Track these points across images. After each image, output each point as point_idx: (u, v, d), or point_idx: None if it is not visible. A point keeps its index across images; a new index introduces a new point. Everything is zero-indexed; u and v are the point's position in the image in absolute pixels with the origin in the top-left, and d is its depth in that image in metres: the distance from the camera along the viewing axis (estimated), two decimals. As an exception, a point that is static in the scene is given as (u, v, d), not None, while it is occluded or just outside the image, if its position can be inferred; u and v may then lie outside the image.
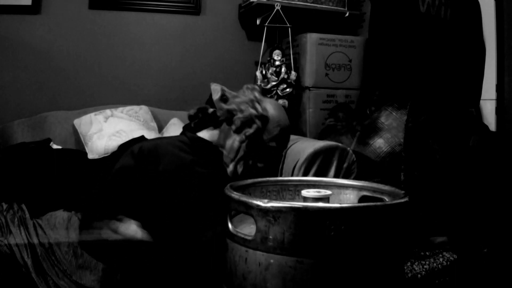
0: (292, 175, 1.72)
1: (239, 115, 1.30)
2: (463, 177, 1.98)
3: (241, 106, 1.31)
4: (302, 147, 1.79)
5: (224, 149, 1.32)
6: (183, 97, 2.68)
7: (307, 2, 2.57)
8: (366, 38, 2.50)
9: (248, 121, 1.29)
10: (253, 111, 1.29)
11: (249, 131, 1.28)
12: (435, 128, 2.04)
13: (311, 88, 2.46)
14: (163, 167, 1.23)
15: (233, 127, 1.30)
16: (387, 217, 0.88)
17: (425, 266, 1.69)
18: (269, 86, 2.47)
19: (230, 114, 1.32)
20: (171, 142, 1.31)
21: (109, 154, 2.14)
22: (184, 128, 1.42)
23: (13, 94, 2.44)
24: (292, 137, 2.05)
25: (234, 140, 1.30)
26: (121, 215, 1.18)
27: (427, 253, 1.76)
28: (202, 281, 1.16)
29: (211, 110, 1.39)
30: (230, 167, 1.30)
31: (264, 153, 1.32)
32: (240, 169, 1.30)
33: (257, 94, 1.34)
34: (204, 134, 1.38)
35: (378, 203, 0.94)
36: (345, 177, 1.80)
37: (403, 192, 1.00)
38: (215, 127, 1.37)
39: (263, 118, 1.30)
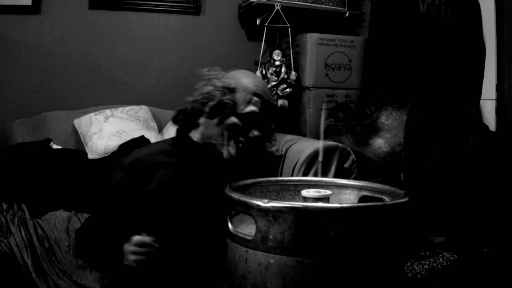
0: (292, 175, 1.72)
1: (204, 100, 1.28)
2: (463, 177, 1.98)
3: (202, 90, 1.29)
4: (302, 147, 1.79)
5: (212, 140, 1.29)
6: (183, 97, 2.66)
7: (307, 2, 2.57)
8: (366, 38, 2.50)
9: (214, 102, 1.26)
10: (209, 87, 1.27)
11: (219, 110, 1.25)
12: (435, 128, 2.04)
13: (311, 88, 2.46)
14: (158, 178, 1.23)
15: (205, 115, 1.28)
16: (387, 217, 0.88)
17: (425, 266, 1.69)
18: (269, 86, 2.47)
19: (198, 104, 1.30)
20: (158, 147, 1.31)
21: (109, 154, 2.14)
22: (177, 131, 1.41)
23: (13, 94, 2.43)
24: (292, 137, 2.05)
25: (213, 126, 1.28)
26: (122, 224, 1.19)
27: (427, 253, 1.76)
28: (202, 281, 1.16)
29: (180, 109, 1.38)
30: (224, 153, 1.28)
31: (248, 122, 1.28)
32: (232, 150, 1.27)
33: (214, 72, 1.31)
34: (194, 134, 1.36)
35: (378, 203, 0.94)
36: (345, 177, 1.80)
37: (403, 192, 1.00)
38: (196, 126, 1.35)
39: (226, 89, 1.27)
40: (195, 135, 1.35)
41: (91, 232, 1.25)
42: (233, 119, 1.27)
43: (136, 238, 1.11)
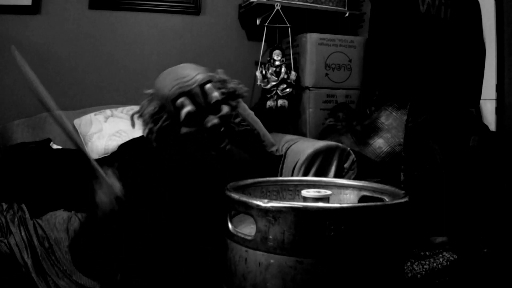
0: (292, 175, 1.72)
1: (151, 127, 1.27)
2: (463, 177, 1.98)
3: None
4: (302, 147, 1.79)
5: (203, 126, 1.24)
6: (183, 97, 2.68)
7: (307, 2, 2.57)
8: (366, 38, 2.50)
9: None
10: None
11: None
12: (435, 128, 2.04)
13: (311, 88, 2.46)
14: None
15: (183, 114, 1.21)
16: (387, 217, 0.88)
17: (425, 266, 1.69)
18: (269, 86, 2.47)
19: (162, 102, 1.27)
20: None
21: (109, 154, 2.14)
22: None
23: (13, 94, 2.43)
24: (292, 137, 2.05)
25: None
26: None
27: (427, 253, 1.76)
28: (202, 281, 1.16)
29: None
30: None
31: (198, 117, 1.20)
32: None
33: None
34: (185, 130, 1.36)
35: (378, 203, 0.94)
36: (345, 177, 1.80)
37: (403, 192, 1.00)
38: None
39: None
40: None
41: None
42: (184, 130, 1.20)
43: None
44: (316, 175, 1.78)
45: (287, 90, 2.47)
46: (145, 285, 1.18)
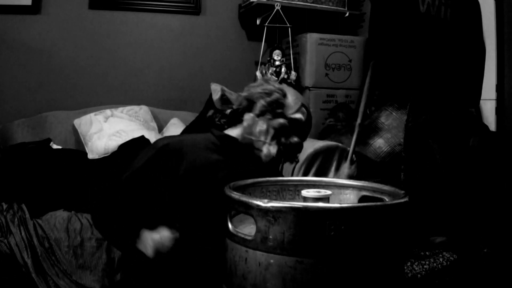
0: (292, 175, 1.72)
1: (258, 99, 1.30)
2: (463, 177, 1.98)
3: (257, 89, 1.32)
4: (302, 147, 1.79)
5: (253, 136, 1.29)
6: (183, 97, 2.68)
7: (307, 2, 2.57)
8: (366, 38, 2.50)
9: (267, 101, 1.29)
10: (270, 87, 1.31)
11: (272, 108, 1.29)
12: (435, 128, 2.04)
13: (311, 88, 2.46)
14: (186, 166, 1.22)
15: (256, 111, 1.30)
16: (387, 217, 0.88)
17: (425, 266, 1.69)
18: (269, 86, 2.47)
19: (249, 101, 1.32)
20: (198, 141, 1.30)
21: (109, 154, 2.14)
22: (209, 129, 1.41)
23: (13, 94, 2.44)
24: (292, 137, 2.05)
25: (260, 124, 1.29)
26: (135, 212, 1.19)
27: (427, 253, 1.76)
28: (202, 281, 1.16)
29: (228, 110, 1.39)
30: (264, 150, 1.28)
31: (293, 128, 1.31)
32: (273, 150, 1.28)
33: (269, 78, 1.35)
34: (232, 130, 1.37)
35: (378, 203, 0.94)
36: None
37: (403, 192, 1.00)
38: (238, 122, 1.35)
39: (280, 92, 1.31)
40: (234, 131, 1.36)
41: (110, 202, 1.23)
42: (282, 120, 1.29)
43: (166, 234, 1.11)
44: (316, 175, 1.78)
45: (287, 90, 2.47)
46: (145, 285, 1.18)
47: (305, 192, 1.01)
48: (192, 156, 1.23)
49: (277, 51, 2.50)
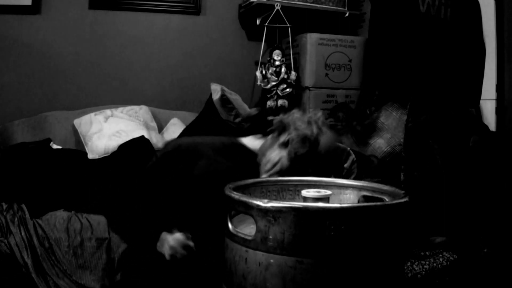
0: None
1: (291, 131, 1.28)
2: (463, 177, 1.98)
3: (297, 122, 1.29)
4: (302, 147, 1.78)
5: (264, 158, 1.30)
6: (183, 97, 2.68)
7: (307, 2, 2.57)
8: (366, 38, 2.50)
9: (296, 140, 1.27)
10: (307, 132, 1.27)
11: (295, 149, 1.26)
12: (435, 128, 2.04)
13: (311, 88, 2.46)
14: (198, 171, 1.23)
15: (280, 140, 1.28)
16: (387, 217, 0.88)
17: (425, 266, 1.69)
18: (269, 86, 2.47)
19: (283, 127, 1.30)
20: (213, 144, 1.31)
21: (109, 154, 2.14)
22: (234, 129, 1.41)
23: (13, 94, 2.43)
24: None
25: (275, 153, 1.28)
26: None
27: (427, 253, 1.76)
28: (202, 281, 1.16)
29: (270, 118, 1.38)
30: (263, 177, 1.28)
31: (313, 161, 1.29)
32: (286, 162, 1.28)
33: (315, 116, 1.32)
34: (250, 140, 1.37)
35: (378, 203, 0.94)
36: (345, 177, 1.80)
37: (403, 192, 1.00)
38: (263, 135, 1.35)
39: (314, 142, 1.27)
40: (251, 141, 1.36)
41: (129, 203, 1.24)
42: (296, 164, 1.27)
43: (182, 239, 1.13)
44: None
45: (287, 90, 2.47)
46: (145, 285, 1.18)
47: (305, 192, 1.01)
48: (204, 161, 1.24)
49: (277, 51, 2.50)
